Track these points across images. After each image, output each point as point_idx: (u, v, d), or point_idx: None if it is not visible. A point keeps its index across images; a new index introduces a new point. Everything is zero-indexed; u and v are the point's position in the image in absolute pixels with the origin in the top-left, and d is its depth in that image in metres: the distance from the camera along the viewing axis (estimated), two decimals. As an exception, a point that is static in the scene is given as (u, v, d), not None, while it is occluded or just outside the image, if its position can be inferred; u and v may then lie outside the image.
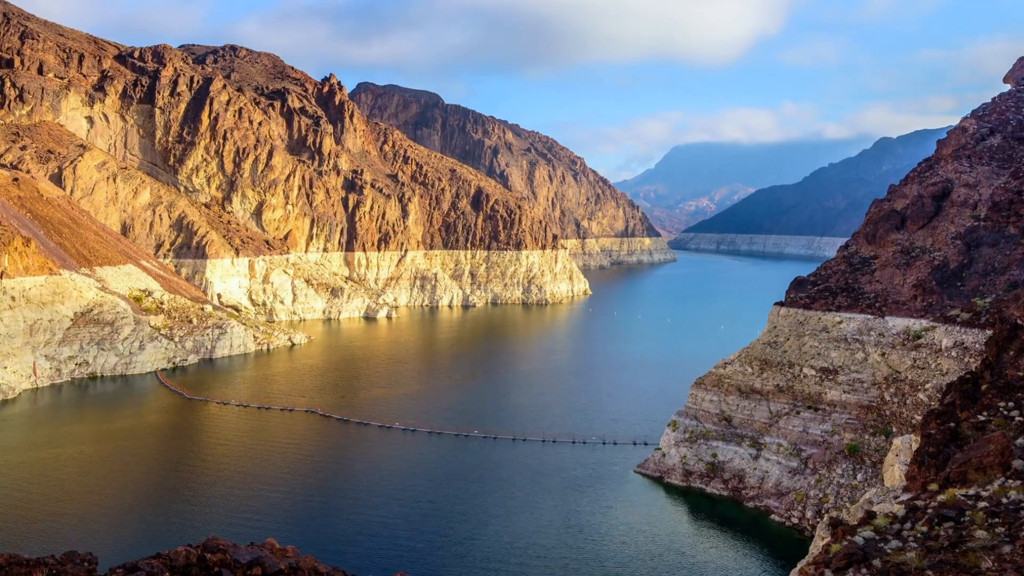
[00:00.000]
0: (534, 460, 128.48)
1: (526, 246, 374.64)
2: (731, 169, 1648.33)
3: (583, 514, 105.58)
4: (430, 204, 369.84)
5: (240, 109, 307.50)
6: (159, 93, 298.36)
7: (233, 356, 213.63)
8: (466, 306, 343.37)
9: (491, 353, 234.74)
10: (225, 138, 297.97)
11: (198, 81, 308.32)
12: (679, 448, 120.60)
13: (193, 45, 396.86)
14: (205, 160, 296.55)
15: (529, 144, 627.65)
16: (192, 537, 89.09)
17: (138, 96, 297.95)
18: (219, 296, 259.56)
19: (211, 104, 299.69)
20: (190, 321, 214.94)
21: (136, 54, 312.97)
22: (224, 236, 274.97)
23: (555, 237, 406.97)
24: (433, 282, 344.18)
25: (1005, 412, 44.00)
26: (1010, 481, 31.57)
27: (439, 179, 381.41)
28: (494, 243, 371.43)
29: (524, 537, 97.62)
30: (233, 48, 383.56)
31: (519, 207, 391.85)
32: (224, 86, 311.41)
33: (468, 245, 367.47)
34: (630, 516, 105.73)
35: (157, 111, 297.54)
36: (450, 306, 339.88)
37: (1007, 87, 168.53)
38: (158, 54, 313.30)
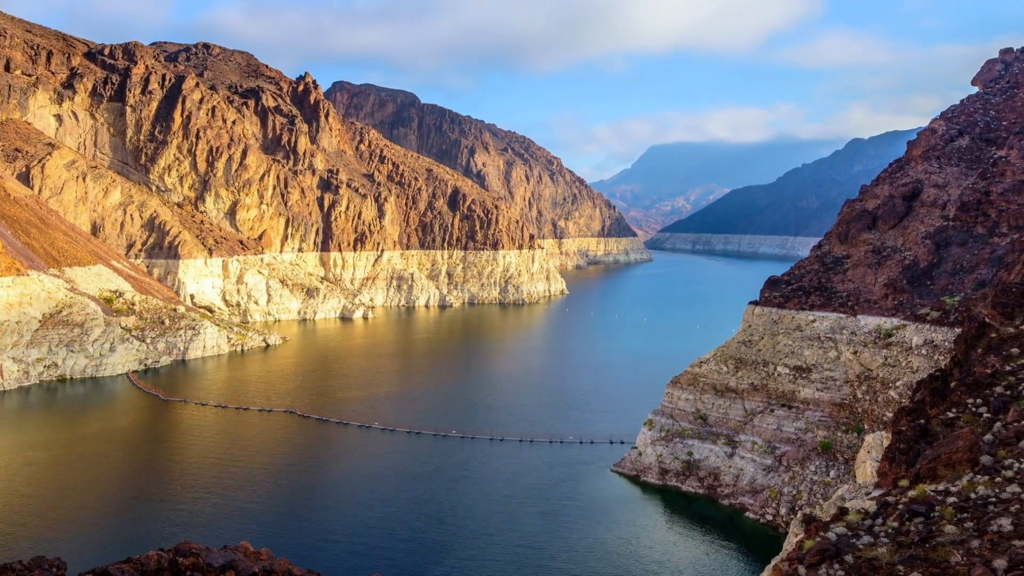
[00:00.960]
0: (512, 460, 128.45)
1: (503, 246, 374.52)
2: (707, 169, 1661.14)
3: (560, 513, 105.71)
4: (407, 204, 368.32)
5: (213, 108, 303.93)
6: (130, 91, 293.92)
7: (206, 357, 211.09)
8: (443, 306, 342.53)
9: (468, 353, 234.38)
10: (198, 137, 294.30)
11: (170, 79, 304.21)
12: (655, 447, 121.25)
13: (165, 43, 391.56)
14: (178, 159, 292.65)
15: (506, 144, 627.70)
16: (164, 541, 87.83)
17: (108, 94, 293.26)
18: (192, 297, 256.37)
19: (183, 102, 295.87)
20: (162, 322, 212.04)
21: (106, 51, 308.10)
22: (197, 236, 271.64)
23: (532, 237, 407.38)
24: (410, 282, 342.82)
25: (973, 409, 44.73)
26: (978, 476, 32.08)
27: (416, 179, 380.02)
28: (471, 243, 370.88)
29: (501, 537, 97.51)
30: (206, 46, 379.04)
31: (496, 207, 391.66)
32: (197, 84, 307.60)
33: (445, 245, 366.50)
34: (606, 515, 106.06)
35: (128, 109, 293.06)
36: (427, 306, 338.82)
37: (975, 89, 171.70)
38: (129, 51, 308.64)
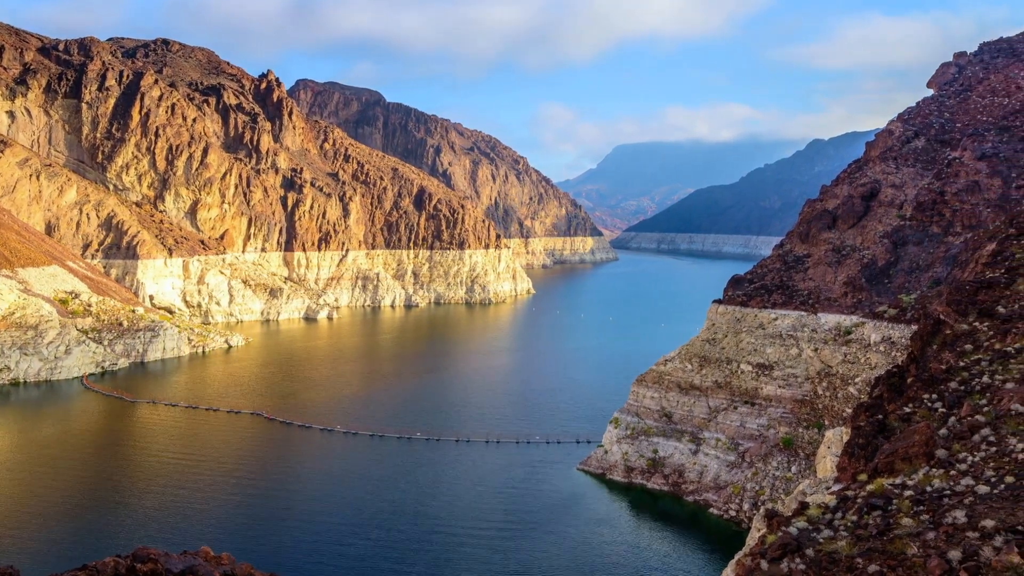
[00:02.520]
0: (478, 461, 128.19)
1: (469, 245, 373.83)
2: (671, 169, 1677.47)
3: (526, 513, 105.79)
4: (372, 203, 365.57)
5: (173, 105, 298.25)
6: (86, 87, 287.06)
7: (167, 359, 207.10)
8: (409, 306, 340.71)
9: (434, 353, 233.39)
10: (157, 135, 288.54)
11: (128, 75, 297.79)
12: (621, 445, 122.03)
13: (122, 38, 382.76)
14: (136, 157, 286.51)
15: (472, 143, 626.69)
16: (122, 547, 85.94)
17: (63, 90, 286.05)
18: (151, 298, 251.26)
19: (142, 99, 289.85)
20: (120, 324, 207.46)
21: (61, 47, 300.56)
22: (156, 236, 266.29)
23: (498, 236, 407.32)
24: (375, 282, 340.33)
25: (929, 404, 45.72)
26: (934, 470, 32.78)
27: (381, 178, 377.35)
28: (437, 242, 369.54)
29: (467, 539, 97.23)
30: (165, 42, 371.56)
31: (462, 206, 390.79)
32: (156, 81, 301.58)
33: (411, 244, 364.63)
34: (572, 513, 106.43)
35: (84, 106, 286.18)
36: (392, 306, 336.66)
37: (931, 92, 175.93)
38: (84, 47, 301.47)
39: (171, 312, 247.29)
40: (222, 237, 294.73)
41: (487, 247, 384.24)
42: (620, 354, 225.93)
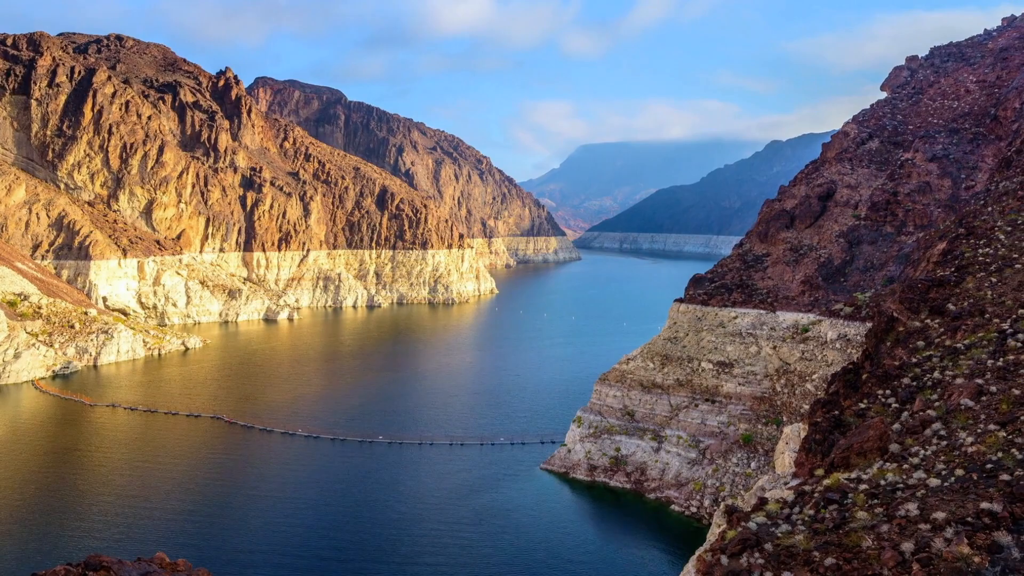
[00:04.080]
0: (441, 464, 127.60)
1: (432, 245, 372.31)
2: (634, 168, 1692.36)
3: (489, 513, 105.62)
4: (333, 203, 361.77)
5: (127, 102, 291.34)
6: (35, 84, 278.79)
7: (121, 362, 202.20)
8: (371, 306, 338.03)
9: (397, 354, 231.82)
10: (110, 132, 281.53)
11: (80, 71, 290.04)
12: (584, 443, 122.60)
13: (74, 34, 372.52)
14: (88, 156, 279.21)
15: (435, 143, 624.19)
16: (74, 555, 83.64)
17: (11, 87, 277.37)
18: (104, 299, 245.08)
19: (94, 96, 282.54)
20: (72, 326, 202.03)
21: (9, 41, 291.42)
22: (110, 236, 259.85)
23: (461, 236, 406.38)
24: (337, 282, 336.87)
25: (883, 399, 46.74)
26: (887, 464, 33.48)
27: (342, 177, 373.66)
28: (400, 242, 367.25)
29: (430, 541, 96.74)
30: (119, 38, 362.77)
31: (425, 206, 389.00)
32: (109, 77, 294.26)
33: (373, 244, 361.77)
34: (535, 513, 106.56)
35: (33, 103, 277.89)
36: (354, 307, 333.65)
37: (884, 94, 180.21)
38: (34, 42, 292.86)
39: (125, 314, 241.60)
40: (179, 237, 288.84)
41: (450, 247, 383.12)
42: (583, 353, 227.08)
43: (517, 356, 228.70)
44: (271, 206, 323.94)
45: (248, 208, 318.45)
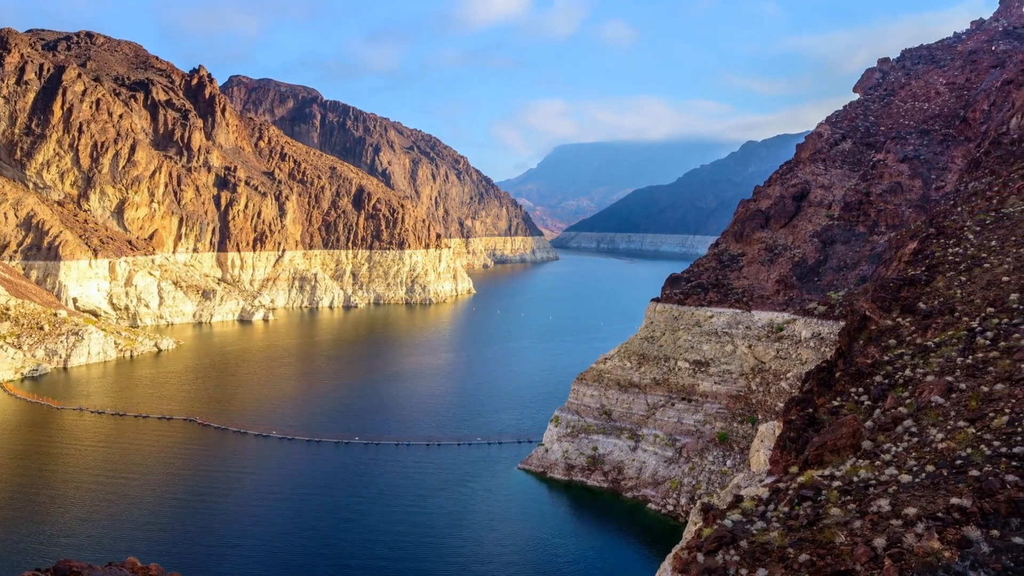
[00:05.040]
0: (418, 464, 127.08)
1: (409, 245, 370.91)
2: (611, 168, 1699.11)
3: (466, 514, 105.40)
4: (309, 203, 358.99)
5: (98, 100, 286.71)
6: (3, 81, 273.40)
7: (92, 364, 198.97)
8: (348, 307, 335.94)
9: (373, 355, 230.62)
10: (81, 131, 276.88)
11: (49, 69, 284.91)
12: (561, 443, 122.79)
13: (43, 30, 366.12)
14: (58, 154, 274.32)
15: (412, 142, 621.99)
16: (43, 560, 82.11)
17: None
18: (75, 300, 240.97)
19: (64, 94, 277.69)
20: (41, 328, 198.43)
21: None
22: (81, 236, 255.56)
23: (439, 236, 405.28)
24: (313, 283, 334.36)
25: (856, 397, 47.28)
26: (860, 461, 33.86)
27: (318, 177, 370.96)
28: (376, 242, 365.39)
29: (408, 541, 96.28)
30: (89, 35, 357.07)
31: (402, 206, 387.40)
32: (79, 75, 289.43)
33: (349, 244, 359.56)
34: (513, 513, 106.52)
35: (1, 100, 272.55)
36: (331, 307, 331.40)
37: (856, 96, 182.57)
38: (1, 39, 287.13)
39: (96, 315, 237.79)
40: (151, 237, 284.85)
41: (427, 247, 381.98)
42: (560, 353, 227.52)
43: (494, 356, 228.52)
44: (246, 206, 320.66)
45: (222, 208, 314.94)
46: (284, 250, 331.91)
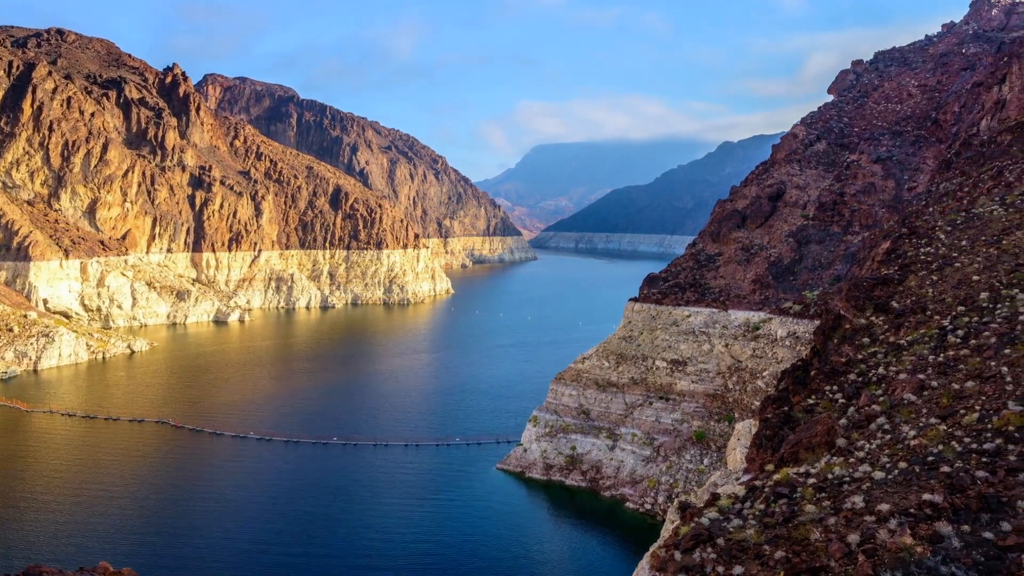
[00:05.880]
0: (396, 465, 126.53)
1: (387, 245, 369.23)
2: (589, 168, 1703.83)
3: (446, 514, 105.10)
4: (285, 202, 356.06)
5: (69, 98, 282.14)
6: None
7: (63, 366, 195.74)
8: (325, 307, 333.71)
9: (351, 356, 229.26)
10: (51, 129, 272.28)
11: (18, 66, 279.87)
12: (540, 443, 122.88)
13: (12, 27, 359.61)
14: (27, 153, 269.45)
15: (390, 142, 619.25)
16: (12, 565, 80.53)
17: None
18: (45, 302, 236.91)
19: (34, 92, 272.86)
20: (10, 330, 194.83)
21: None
22: (51, 236, 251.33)
23: (417, 236, 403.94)
24: (289, 283, 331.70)
25: (831, 395, 47.76)
26: (835, 458, 34.18)
27: (295, 176, 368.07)
28: (354, 243, 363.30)
29: (388, 542, 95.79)
30: (60, 32, 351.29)
31: (380, 206, 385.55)
32: (50, 73, 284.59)
33: (327, 245, 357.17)
34: (491, 513, 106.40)
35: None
36: (308, 308, 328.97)
37: (831, 97, 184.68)
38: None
39: (68, 317, 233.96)
40: (124, 237, 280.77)
41: (405, 247, 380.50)
42: (539, 353, 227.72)
43: (473, 356, 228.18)
44: (221, 205, 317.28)
45: (197, 208, 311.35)
46: (260, 250, 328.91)
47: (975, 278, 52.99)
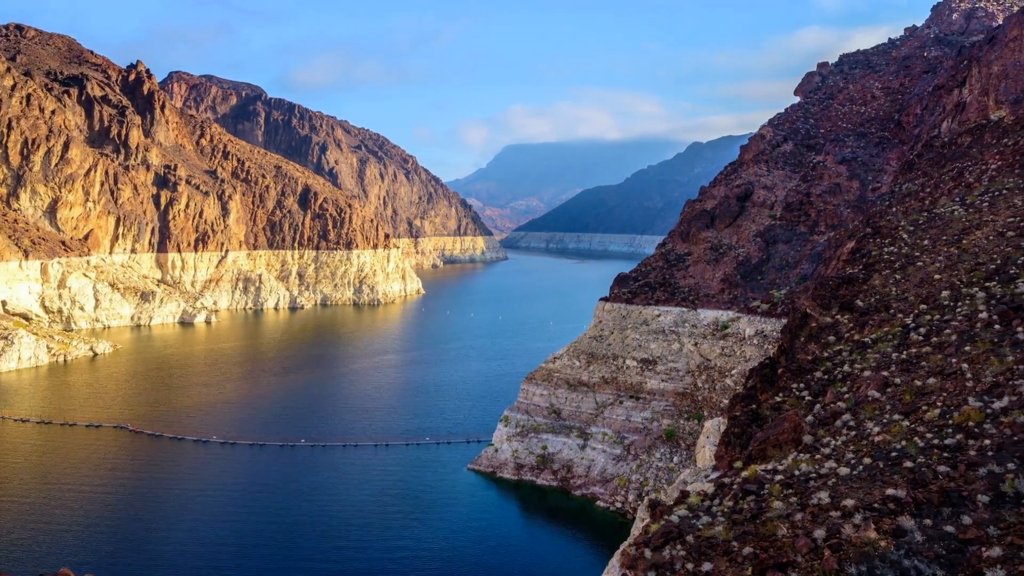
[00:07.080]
0: (366, 466, 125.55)
1: (357, 245, 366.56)
2: (560, 169, 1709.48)
3: (416, 515, 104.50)
4: (253, 202, 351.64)
5: (28, 95, 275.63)
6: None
7: (23, 370, 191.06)
8: (293, 308, 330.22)
9: (319, 356, 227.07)
10: (10, 127, 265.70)
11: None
12: (511, 443, 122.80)
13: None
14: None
15: (359, 141, 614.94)
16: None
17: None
18: (3, 303, 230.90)
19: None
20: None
21: None
22: (10, 236, 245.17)
23: (387, 236, 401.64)
24: (257, 284, 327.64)
25: (797, 393, 48.35)
26: (801, 455, 34.55)
27: (263, 176, 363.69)
28: (323, 243, 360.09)
29: (356, 545, 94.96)
30: (19, 27, 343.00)
31: (349, 206, 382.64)
32: (8, 69, 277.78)
33: (296, 245, 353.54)
34: (463, 513, 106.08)
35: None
36: (276, 308, 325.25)
37: (797, 99, 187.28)
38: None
39: (27, 319, 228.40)
40: (86, 238, 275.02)
41: (376, 247, 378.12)
42: (510, 353, 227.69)
43: (443, 356, 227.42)
44: (187, 205, 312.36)
45: (162, 207, 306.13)
46: (227, 250, 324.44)
47: (937, 277, 54.00)
